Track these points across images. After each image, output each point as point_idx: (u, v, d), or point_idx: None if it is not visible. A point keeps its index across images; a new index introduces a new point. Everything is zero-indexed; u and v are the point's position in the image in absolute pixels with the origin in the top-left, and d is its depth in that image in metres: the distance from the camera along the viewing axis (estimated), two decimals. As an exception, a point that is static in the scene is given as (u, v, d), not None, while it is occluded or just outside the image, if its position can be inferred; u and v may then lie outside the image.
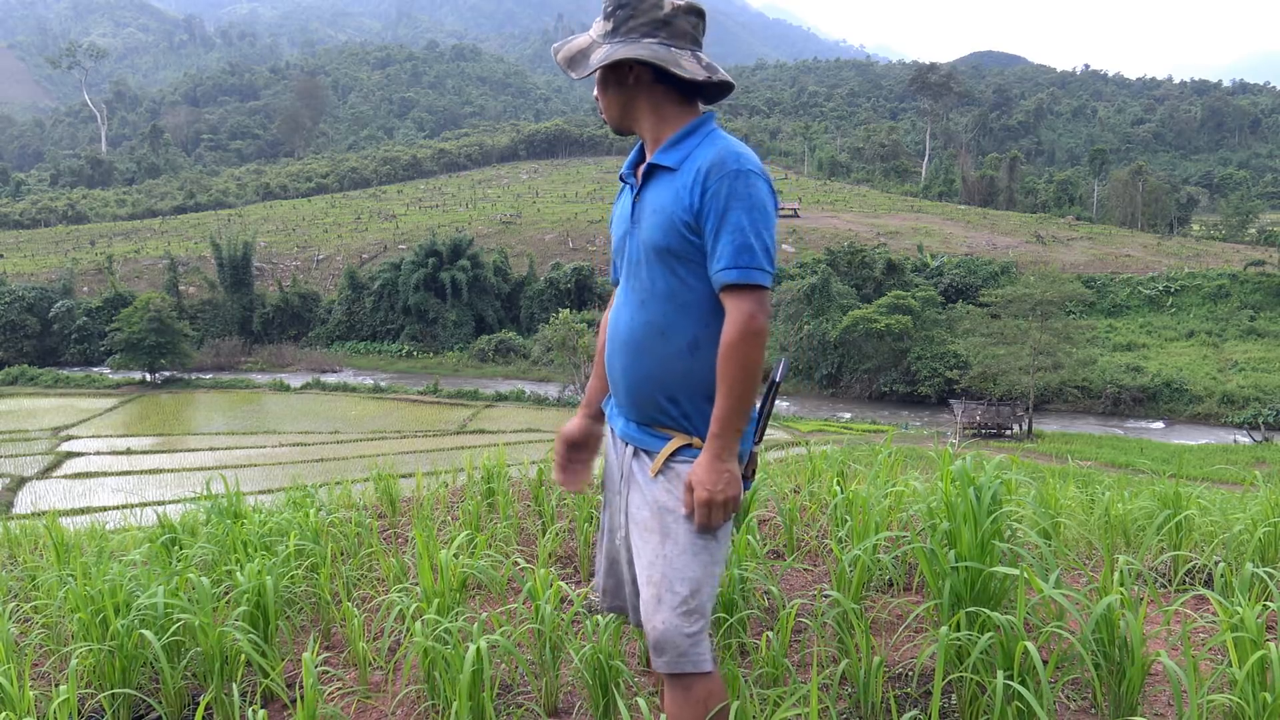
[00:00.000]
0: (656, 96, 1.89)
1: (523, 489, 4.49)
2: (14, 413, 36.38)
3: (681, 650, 1.78)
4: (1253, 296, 47.96)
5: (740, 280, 1.75)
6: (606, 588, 2.10)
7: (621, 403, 1.96)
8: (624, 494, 1.97)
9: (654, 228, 1.83)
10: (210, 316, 51.23)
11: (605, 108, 1.93)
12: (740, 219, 1.75)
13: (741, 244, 1.74)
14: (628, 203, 1.95)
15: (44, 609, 3.16)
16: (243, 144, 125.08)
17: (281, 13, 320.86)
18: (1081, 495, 4.16)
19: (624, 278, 1.95)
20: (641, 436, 1.92)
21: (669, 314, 1.84)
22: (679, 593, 1.79)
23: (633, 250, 1.90)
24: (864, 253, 47.31)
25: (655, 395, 1.88)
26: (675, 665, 1.79)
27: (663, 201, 1.83)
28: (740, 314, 1.75)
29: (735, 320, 1.75)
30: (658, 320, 1.85)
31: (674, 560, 1.81)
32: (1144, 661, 2.11)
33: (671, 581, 1.80)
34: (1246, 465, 23.78)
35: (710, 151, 1.79)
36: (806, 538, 3.53)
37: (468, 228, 62.41)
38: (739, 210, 1.75)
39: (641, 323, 1.87)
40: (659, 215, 1.83)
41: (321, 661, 2.74)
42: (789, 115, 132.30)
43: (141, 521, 5.97)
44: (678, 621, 1.78)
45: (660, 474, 1.86)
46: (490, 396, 39.38)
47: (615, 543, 2.05)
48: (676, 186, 1.81)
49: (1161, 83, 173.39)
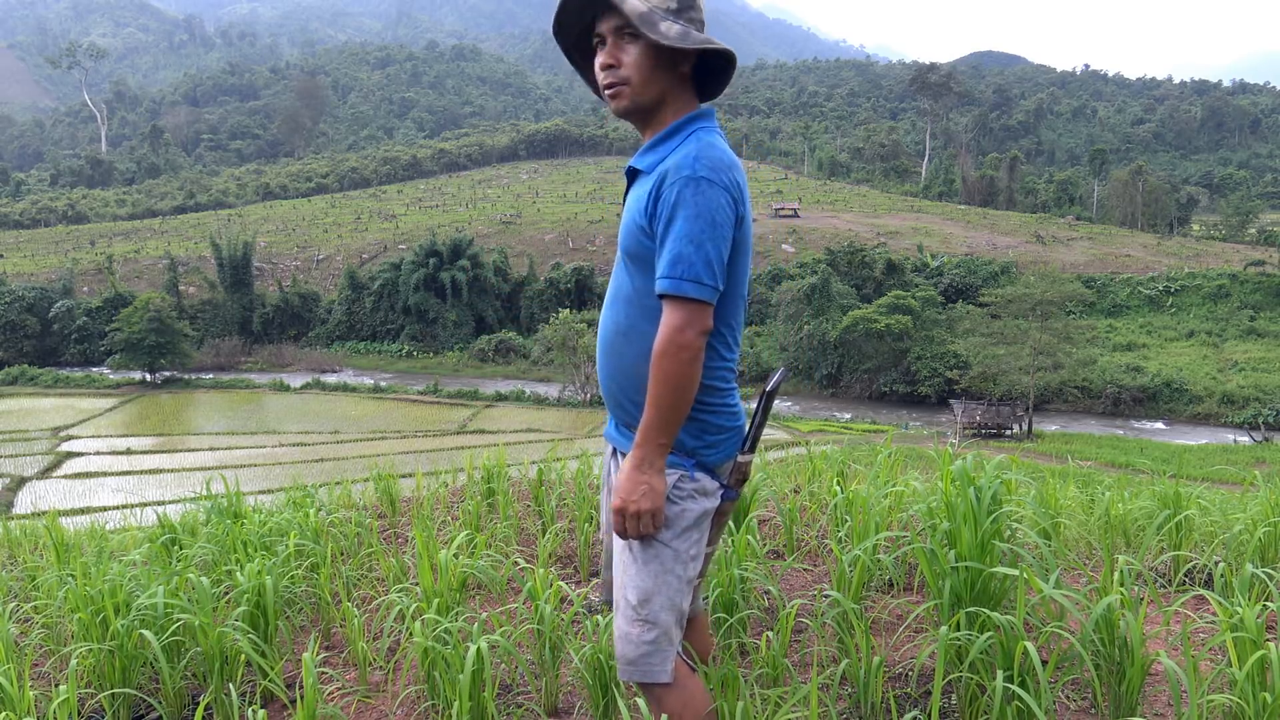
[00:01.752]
0: (689, 92, 1.85)
1: (523, 489, 4.49)
2: (14, 413, 36.39)
3: (630, 659, 1.77)
4: (1253, 296, 47.97)
5: (670, 290, 1.68)
6: (606, 580, 2.10)
7: (607, 403, 1.97)
8: (604, 493, 2.02)
9: (622, 230, 1.83)
10: (210, 316, 51.25)
11: (641, 86, 1.78)
12: (681, 227, 1.68)
13: (678, 253, 1.67)
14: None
15: (44, 609, 3.16)
16: (243, 144, 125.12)
17: (281, 13, 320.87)
18: (1081, 495, 4.16)
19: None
20: (617, 437, 1.93)
21: (633, 317, 1.82)
22: (629, 600, 1.79)
23: (617, 250, 1.91)
24: (864, 253, 47.33)
25: (622, 397, 1.88)
26: (630, 674, 1.78)
27: (631, 204, 1.82)
28: (668, 326, 1.68)
29: (662, 332, 1.69)
30: (623, 323, 1.84)
31: (628, 567, 1.80)
32: (1144, 661, 2.11)
33: (625, 589, 1.80)
34: (1246, 465, 23.78)
35: (679, 155, 1.73)
36: (806, 538, 3.53)
37: (468, 228, 62.43)
38: (682, 219, 1.68)
39: (611, 325, 1.87)
40: (625, 217, 1.83)
41: (321, 661, 2.75)
42: (789, 115, 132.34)
43: (141, 521, 5.97)
44: (628, 629, 1.77)
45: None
46: (490, 396, 39.39)
47: (614, 538, 2.07)
48: (643, 192, 1.79)
49: (1161, 83, 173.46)
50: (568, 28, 1.87)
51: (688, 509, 1.81)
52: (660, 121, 1.83)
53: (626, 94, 1.79)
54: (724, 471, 1.87)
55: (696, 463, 1.82)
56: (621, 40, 1.77)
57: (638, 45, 1.76)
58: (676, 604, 1.80)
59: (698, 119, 1.82)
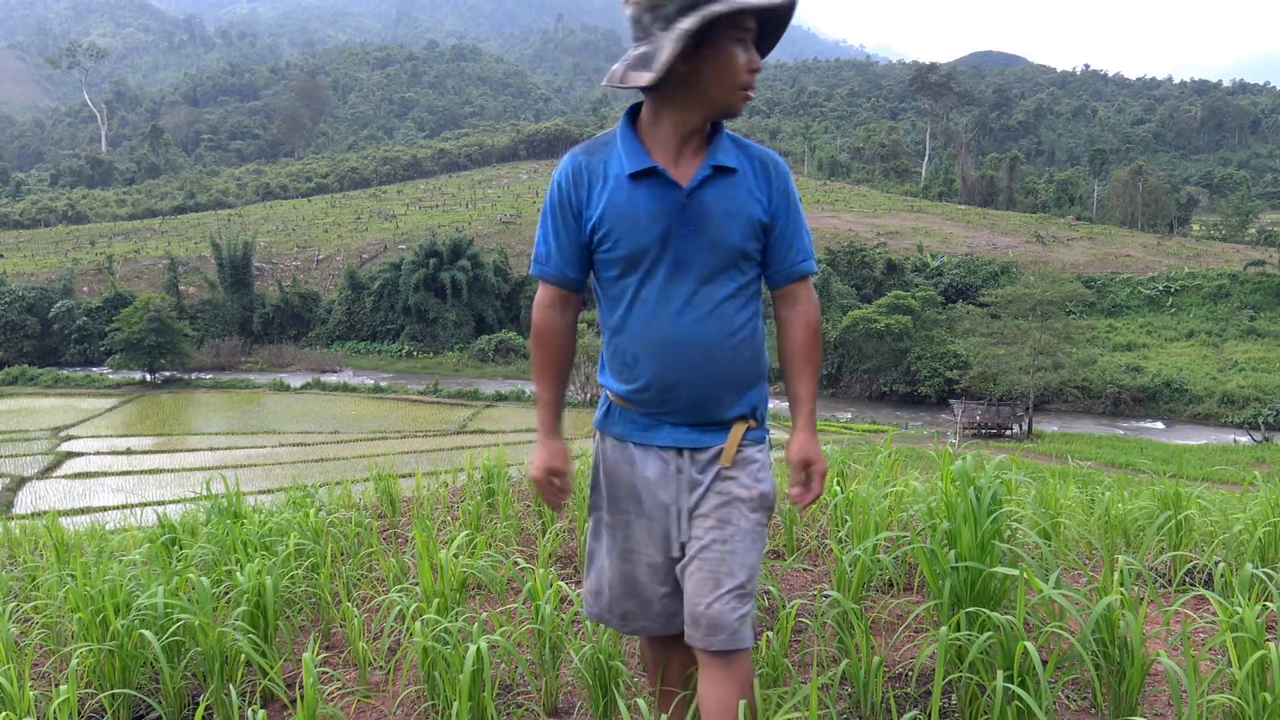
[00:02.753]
0: None
1: (523, 489, 4.49)
2: (14, 413, 36.38)
3: (734, 630, 1.82)
4: (1253, 296, 47.98)
5: (813, 271, 1.93)
6: (628, 612, 2.00)
7: (677, 408, 1.87)
8: (675, 501, 1.90)
9: (731, 230, 1.81)
10: (210, 316, 51.25)
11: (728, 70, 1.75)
12: (799, 212, 1.91)
13: (806, 237, 1.91)
14: (662, 199, 1.80)
15: (44, 609, 3.16)
16: (243, 144, 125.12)
17: (281, 13, 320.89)
18: (1081, 495, 4.16)
19: (667, 283, 1.83)
20: (698, 437, 1.89)
21: (738, 311, 1.86)
22: (738, 577, 1.82)
23: (692, 252, 1.81)
24: (864, 253, 47.34)
25: (726, 393, 1.88)
26: (727, 644, 1.82)
27: (736, 204, 1.82)
28: (813, 303, 1.93)
29: (814, 308, 1.93)
30: (729, 319, 1.84)
31: (735, 547, 1.84)
32: (1144, 661, 2.11)
33: (732, 567, 1.82)
34: (1246, 465, 23.78)
35: (754, 150, 1.89)
36: (806, 538, 3.53)
37: (468, 228, 62.44)
38: (797, 204, 1.90)
39: (721, 330, 1.84)
40: (735, 219, 1.82)
41: (321, 661, 2.74)
42: (789, 115, 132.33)
43: (141, 521, 5.97)
44: (735, 604, 1.81)
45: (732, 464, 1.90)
46: (490, 396, 39.40)
47: (637, 565, 1.96)
48: (744, 187, 1.83)
49: (1161, 83, 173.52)
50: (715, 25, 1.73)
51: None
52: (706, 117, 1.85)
53: (685, 83, 1.78)
54: None
55: (766, 432, 2.00)
56: (751, 45, 1.79)
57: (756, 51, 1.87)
58: None
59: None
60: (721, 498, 1.87)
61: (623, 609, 2.00)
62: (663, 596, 1.96)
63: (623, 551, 1.96)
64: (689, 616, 1.84)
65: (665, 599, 1.96)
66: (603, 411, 1.98)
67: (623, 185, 1.82)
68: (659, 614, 1.98)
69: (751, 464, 1.90)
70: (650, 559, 1.94)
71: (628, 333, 1.86)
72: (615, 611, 2.01)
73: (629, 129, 1.85)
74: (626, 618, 2.01)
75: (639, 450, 1.92)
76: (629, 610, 1.99)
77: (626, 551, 1.96)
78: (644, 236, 1.81)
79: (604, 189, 1.83)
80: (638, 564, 1.95)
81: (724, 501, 1.87)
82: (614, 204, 1.82)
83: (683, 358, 1.83)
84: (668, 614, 1.97)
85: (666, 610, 1.97)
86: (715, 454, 1.89)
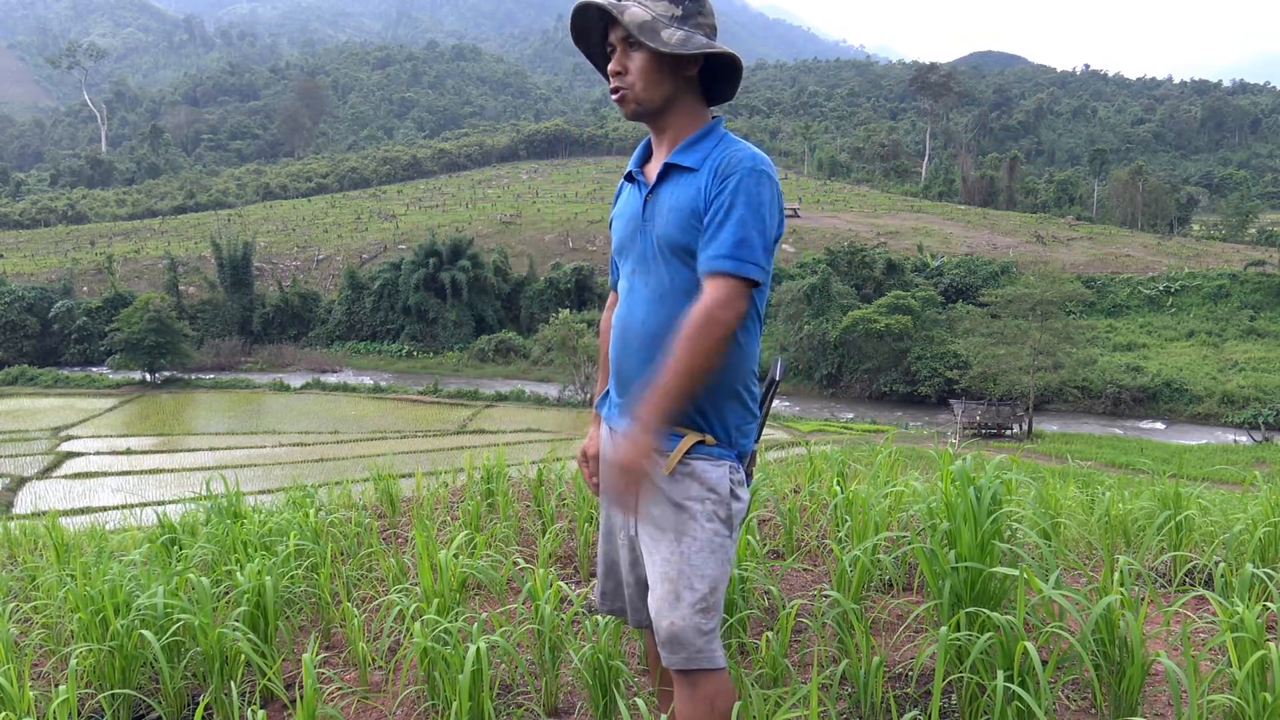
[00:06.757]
0: (695, 95, 1.92)
1: (523, 489, 4.49)
2: (14, 413, 36.38)
3: (697, 647, 1.78)
4: (1253, 296, 47.96)
5: (732, 270, 1.74)
6: (605, 590, 2.10)
7: (632, 397, 1.92)
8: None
9: (672, 225, 1.84)
10: (210, 316, 51.23)
11: (645, 91, 1.86)
12: (745, 214, 1.77)
13: (743, 237, 1.75)
14: (635, 199, 1.95)
15: (44, 609, 3.16)
16: (243, 144, 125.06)
17: (281, 13, 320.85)
18: (1081, 495, 4.16)
19: (632, 275, 1.94)
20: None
21: (687, 310, 1.82)
22: (698, 590, 1.79)
23: (645, 247, 1.90)
24: (864, 253, 47.31)
25: None
26: (690, 662, 1.79)
27: (682, 200, 1.84)
28: (714, 300, 1.73)
29: (706, 305, 1.73)
30: (677, 315, 1.83)
31: (692, 558, 1.81)
32: (1144, 662, 2.11)
33: (690, 579, 1.80)
34: (1246, 465, 23.77)
35: (733, 150, 1.84)
36: (806, 538, 3.53)
37: (468, 228, 62.42)
38: (744, 205, 1.77)
39: (658, 321, 1.86)
40: (678, 213, 1.84)
41: (321, 662, 2.75)
42: (789, 115, 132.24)
43: (141, 521, 5.97)
44: (696, 619, 1.78)
45: (675, 472, 1.84)
46: (490, 396, 39.38)
47: (615, 545, 2.05)
48: (697, 185, 1.83)
49: (1161, 83, 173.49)
50: (588, 35, 1.94)
51: (744, 501, 1.88)
52: (672, 123, 1.91)
53: (630, 99, 1.88)
54: (745, 461, 1.93)
55: (736, 454, 1.89)
56: (627, 48, 1.87)
57: (641, 52, 1.85)
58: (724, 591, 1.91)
59: (720, 123, 1.91)
60: (665, 507, 1.83)
61: (602, 587, 2.11)
62: (636, 583, 2.01)
63: (605, 532, 2.08)
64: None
65: (633, 588, 2.02)
66: (602, 396, 2.10)
67: (623, 187, 2.03)
68: (630, 599, 2.04)
69: (695, 477, 1.83)
70: (624, 541, 2.02)
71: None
72: (599, 590, 2.12)
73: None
74: (606, 596, 2.11)
75: (609, 432, 2.03)
76: (607, 589, 2.11)
77: (608, 532, 2.08)
78: (622, 233, 1.97)
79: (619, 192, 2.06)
80: (614, 544, 2.06)
81: (672, 510, 1.83)
82: (615, 206, 2.06)
83: (630, 347, 1.92)
84: (634, 605, 2.04)
85: (637, 598, 2.02)
86: (662, 455, 1.84)
